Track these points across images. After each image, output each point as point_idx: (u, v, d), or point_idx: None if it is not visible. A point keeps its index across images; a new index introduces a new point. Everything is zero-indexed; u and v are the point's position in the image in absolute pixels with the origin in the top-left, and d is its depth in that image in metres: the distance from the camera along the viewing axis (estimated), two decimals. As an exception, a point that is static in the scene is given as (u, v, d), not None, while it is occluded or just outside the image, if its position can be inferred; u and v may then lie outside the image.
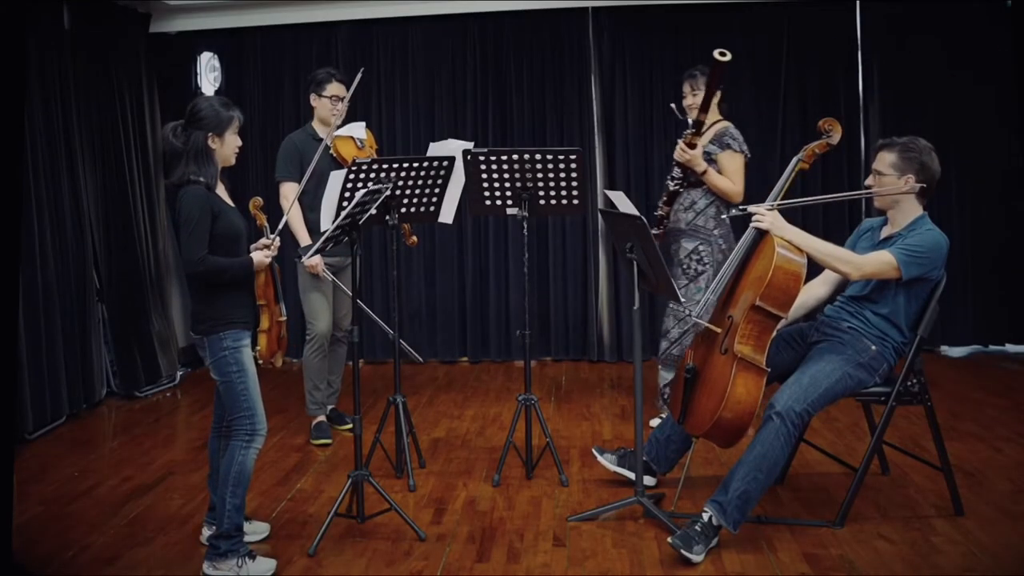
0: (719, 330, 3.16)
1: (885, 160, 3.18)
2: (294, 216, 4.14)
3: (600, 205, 5.51)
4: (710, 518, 2.94)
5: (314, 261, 4.10)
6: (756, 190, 5.67)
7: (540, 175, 3.56)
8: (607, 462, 3.57)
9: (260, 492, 3.59)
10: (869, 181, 3.24)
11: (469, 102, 5.96)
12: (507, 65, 5.92)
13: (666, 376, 4.28)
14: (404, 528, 3.16)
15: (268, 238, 2.98)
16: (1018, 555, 2.88)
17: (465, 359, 6.06)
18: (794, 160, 3.35)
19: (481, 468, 3.85)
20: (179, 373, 5.65)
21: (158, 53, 5.82)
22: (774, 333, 3.10)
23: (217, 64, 6.04)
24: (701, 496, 3.44)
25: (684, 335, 4.19)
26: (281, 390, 5.26)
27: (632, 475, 3.40)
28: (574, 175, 3.57)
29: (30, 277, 4.46)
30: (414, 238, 4.33)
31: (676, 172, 4.12)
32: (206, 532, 3.08)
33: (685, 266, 4.22)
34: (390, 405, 3.71)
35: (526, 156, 3.54)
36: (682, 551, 2.87)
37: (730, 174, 4.10)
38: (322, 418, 4.35)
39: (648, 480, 3.44)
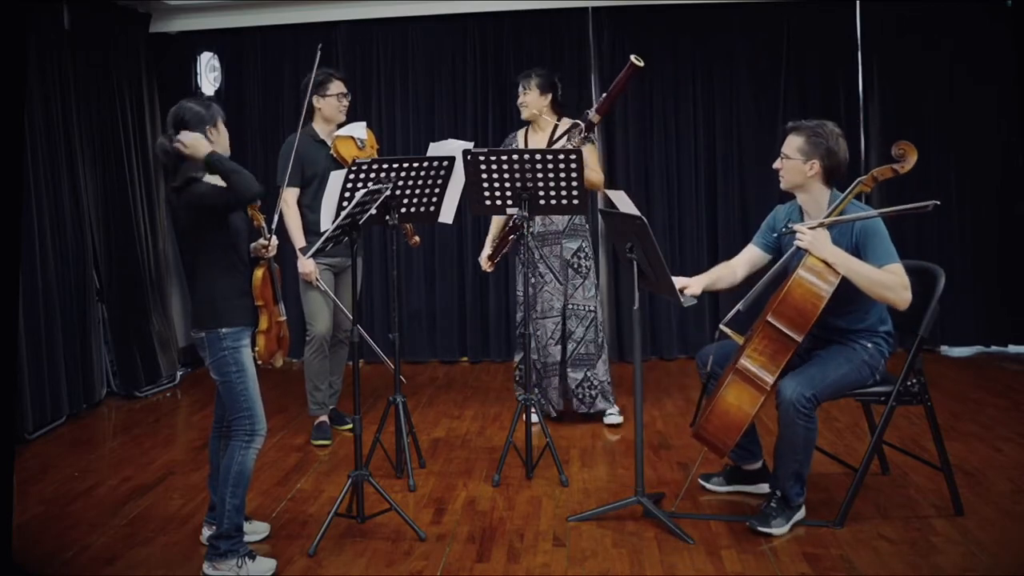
0: (740, 339, 3.15)
1: (793, 144, 3.12)
2: (292, 221, 4.14)
3: (600, 205, 5.50)
4: (780, 496, 3.05)
5: (309, 269, 4.09)
6: (754, 190, 5.72)
7: (540, 175, 3.56)
8: (715, 486, 3.49)
9: (260, 492, 3.59)
10: (776, 164, 3.19)
11: (469, 102, 5.96)
12: (507, 65, 5.91)
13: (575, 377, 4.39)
14: (404, 528, 3.16)
15: (265, 238, 3.01)
16: (1018, 555, 2.87)
17: (465, 359, 6.06)
18: (855, 182, 3.07)
19: (481, 468, 3.85)
20: (179, 373, 5.65)
21: (158, 53, 5.82)
22: (790, 356, 3.00)
23: (217, 64, 6.04)
24: (701, 497, 3.46)
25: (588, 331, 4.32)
26: (281, 390, 5.26)
27: (749, 488, 3.44)
28: (574, 175, 3.56)
29: (30, 277, 4.46)
30: (416, 238, 4.32)
31: None
32: (206, 532, 3.08)
33: (576, 265, 4.35)
34: (390, 405, 3.71)
35: (526, 156, 3.54)
36: (759, 528, 3.00)
37: (595, 165, 4.26)
38: (324, 418, 4.34)
39: (756, 465, 3.43)
